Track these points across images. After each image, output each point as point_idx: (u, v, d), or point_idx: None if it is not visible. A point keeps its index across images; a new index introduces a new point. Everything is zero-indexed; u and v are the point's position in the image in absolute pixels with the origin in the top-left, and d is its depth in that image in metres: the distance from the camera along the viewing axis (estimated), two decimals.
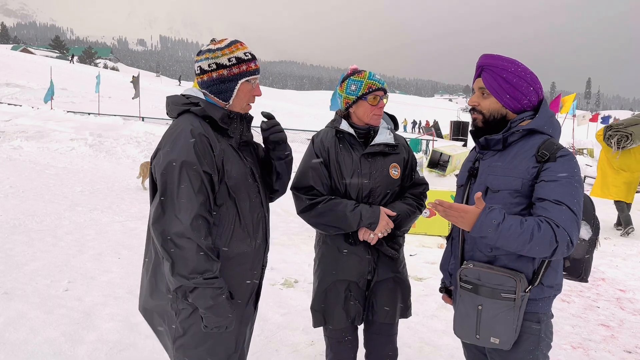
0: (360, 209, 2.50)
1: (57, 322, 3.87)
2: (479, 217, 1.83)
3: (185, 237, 1.88)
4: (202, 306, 1.93)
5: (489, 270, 1.93)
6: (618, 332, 4.34)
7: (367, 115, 2.59)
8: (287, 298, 4.61)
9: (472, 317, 1.98)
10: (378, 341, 2.73)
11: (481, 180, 2.08)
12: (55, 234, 6.36)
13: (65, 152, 14.12)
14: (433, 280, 5.41)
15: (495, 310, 1.91)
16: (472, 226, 1.84)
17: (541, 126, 1.99)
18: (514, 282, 1.87)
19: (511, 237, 1.79)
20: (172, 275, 1.89)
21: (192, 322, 2.02)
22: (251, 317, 2.30)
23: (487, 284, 1.92)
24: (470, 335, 2.01)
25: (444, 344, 3.84)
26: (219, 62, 2.07)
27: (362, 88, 2.56)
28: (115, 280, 4.90)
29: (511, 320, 1.89)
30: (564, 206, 1.80)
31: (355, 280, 2.60)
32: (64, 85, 35.47)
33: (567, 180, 1.85)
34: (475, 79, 2.13)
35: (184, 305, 2.00)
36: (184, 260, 1.88)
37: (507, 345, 1.93)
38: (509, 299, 1.88)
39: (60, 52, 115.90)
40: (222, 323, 1.98)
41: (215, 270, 1.94)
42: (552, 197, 1.83)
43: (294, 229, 7.21)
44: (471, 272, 1.97)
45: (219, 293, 1.94)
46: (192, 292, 1.91)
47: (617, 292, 5.38)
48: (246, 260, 2.14)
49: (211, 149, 2.00)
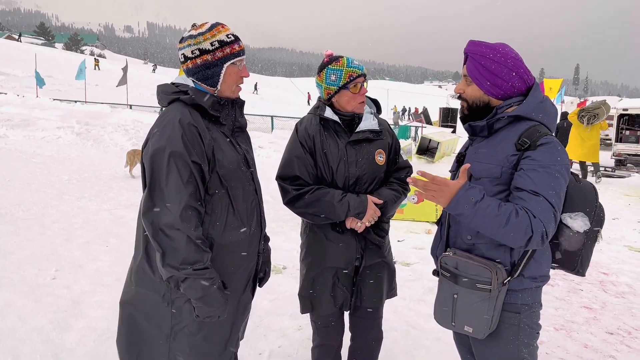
0: (348, 199, 2.49)
1: (45, 310, 3.87)
2: (457, 192, 1.81)
3: (175, 228, 1.86)
4: (193, 297, 1.94)
5: (467, 260, 1.92)
6: (600, 314, 4.43)
7: (351, 104, 2.57)
8: (275, 284, 4.64)
9: (448, 304, 1.99)
10: (364, 325, 2.76)
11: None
12: (43, 222, 6.33)
13: (52, 141, 13.98)
14: (420, 265, 5.47)
15: (470, 300, 1.90)
16: (449, 201, 1.83)
17: (528, 112, 1.94)
18: (490, 273, 1.85)
19: (487, 217, 1.77)
20: (162, 266, 1.89)
21: (187, 310, 2.02)
22: (248, 304, 2.29)
23: (464, 274, 1.91)
24: (446, 322, 2.03)
25: (430, 327, 3.90)
26: (202, 48, 2.03)
27: (342, 77, 2.53)
28: (103, 268, 4.90)
29: (485, 310, 1.88)
30: (541, 197, 1.77)
31: (343, 267, 2.61)
32: (49, 72, 34.98)
33: (546, 171, 1.81)
34: (463, 66, 2.10)
35: (178, 294, 1.99)
36: (174, 251, 1.87)
37: (480, 335, 1.93)
38: (485, 289, 1.86)
39: (46, 39, 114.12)
40: (213, 313, 1.98)
41: (205, 260, 1.93)
42: (529, 188, 1.80)
43: (283, 216, 7.22)
44: (450, 260, 1.97)
45: (210, 284, 1.93)
46: (183, 282, 1.91)
47: (600, 275, 5.48)
48: (241, 248, 2.13)
49: (200, 138, 1.97)
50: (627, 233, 7.41)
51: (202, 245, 1.94)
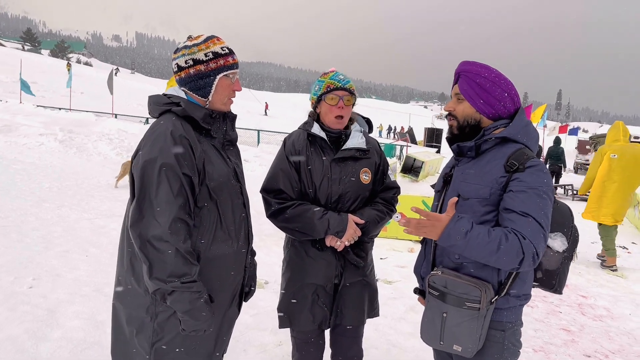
0: (329, 217, 2.48)
1: (20, 319, 3.79)
2: (447, 225, 1.83)
3: (163, 241, 1.84)
4: (180, 310, 1.91)
5: (456, 279, 1.93)
6: (578, 337, 4.47)
7: (328, 117, 2.56)
8: (257, 299, 4.59)
9: (437, 323, 1.98)
10: (344, 342, 2.75)
11: (454, 187, 2.09)
12: (21, 230, 6.22)
13: (34, 147, 13.78)
14: (402, 283, 5.48)
15: (459, 318, 1.91)
16: (440, 234, 1.85)
17: (514, 135, 1.97)
18: (479, 292, 1.87)
19: (479, 246, 1.79)
20: (149, 278, 1.86)
21: (172, 324, 1.99)
22: (234, 320, 2.27)
23: (453, 292, 1.92)
24: (434, 341, 2.03)
25: (411, 345, 3.89)
26: (196, 58, 2.04)
27: (322, 88, 2.55)
28: (82, 277, 4.82)
29: (474, 329, 1.89)
30: (531, 218, 1.80)
31: (322, 285, 2.60)
32: (34, 78, 34.65)
33: (534, 192, 1.84)
34: (453, 86, 2.13)
35: (163, 308, 1.97)
36: (162, 264, 1.84)
37: (469, 354, 1.94)
38: (474, 308, 1.87)
39: (32, 45, 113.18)
40: (200, 327, 1.96)
41: (193, 273, 1.91)
42: (519, 209, 1.82)
43: (266, 230, 7.18)
44: (439, 279, 1.97)
45: (197, 297, 1.91)
46: (170, 295, 1.88)
47: (579, 298, 5.54)
48: (228, 262, 2.12)
49: (191, 150, 1.96)
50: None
51: (191, 258, 1.91)
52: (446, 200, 2.13)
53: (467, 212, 1.95)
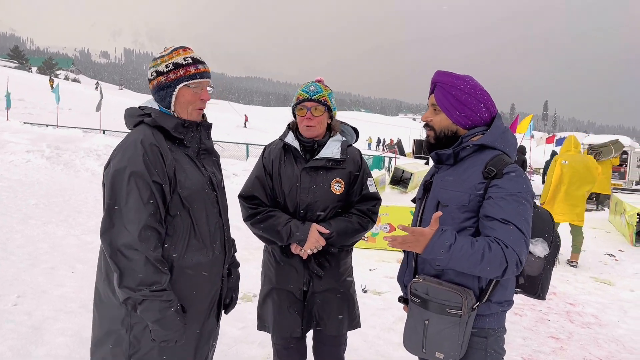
0: (291, 225, 2.53)
1: (4, 336, 3.73)
2: (431, 238, 1.84)
3: (133, 249, 1.84)
4: (150, 319, 1.90)
5: (437, 286, 1.93)
6: (567, 344, 4.48)
7: (300, 127, 2.63)
8: (245, 312, 4.57)
9: (419, 331, 1.98)
10: (324, 351, 2.78)
11: (434, 194, 2.10)
12: (6, 247, 6.14)
13: (21, 164, 13.66)
14: (391, 294, 5.47)
15: (441, 325, 1.91)
16: (424, 249, 1.85)
17: (492, 142, 2.00)
18: (461, 298, 1.87)
19: (463, 257, 1.80)
20: (119, 286, 1.85)
21: (148, 336, 1.97)
22: (214, 331, 2.24)
23: (435, 299, 1.92)
24: (417, 349, 2.02)
25: (399, 356, 3.88)
26: (158, 70, 2.08)
27: (294, 98, 2.63)
28: (68, 294, 4.76)
29: (456, 336, 1.89)
30: (512, 225, 1.81)
31: (292, 291, 2.64)
32: (21, 95, 34.45)
33: (513, 198, 1.86)
34: (429, 95, 2.14)
35: (138, 319, 1.95)
36: (131, 272, 1.84)
37: None
38: (455, 315, 1.87)
39: (19, 62, 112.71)
40: (170, 337, 1.94)
41: (164, 282, 1.90)
42: (499, 216, 1.84)
43: (255, 243, 7.14)
44: (420, 287, 1.97)
45: (167, 306, 1.90)
46: (140, 304, 1.87)
47: (567, 306, 5.56)
48: (203, 271, 2.10)
49: (162, 158, 1.97)
50: (593, 265, 7.56)
51: (161, 266, 1.91)
52: (427, 207, 2.14)
53: (447, 218, 1.96)
